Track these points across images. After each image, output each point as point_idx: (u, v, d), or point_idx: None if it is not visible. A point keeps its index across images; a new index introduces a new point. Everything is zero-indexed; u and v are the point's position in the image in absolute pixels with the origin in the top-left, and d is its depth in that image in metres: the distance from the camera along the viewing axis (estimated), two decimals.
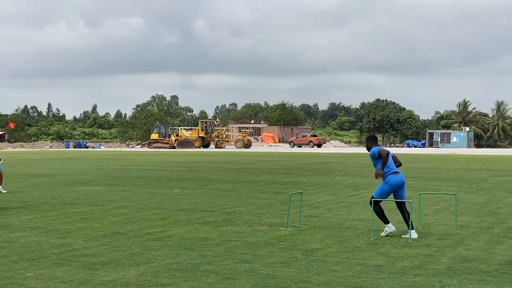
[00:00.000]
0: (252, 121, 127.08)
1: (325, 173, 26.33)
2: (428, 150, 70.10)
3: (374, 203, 10.43)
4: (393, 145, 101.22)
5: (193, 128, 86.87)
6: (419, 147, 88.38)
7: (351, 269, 7.93)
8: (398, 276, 7.55)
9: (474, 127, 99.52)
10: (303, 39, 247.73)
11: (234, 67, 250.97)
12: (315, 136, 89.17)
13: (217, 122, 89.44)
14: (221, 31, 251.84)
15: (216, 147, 76.30)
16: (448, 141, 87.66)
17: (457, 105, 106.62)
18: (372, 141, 10.75)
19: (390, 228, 10.40)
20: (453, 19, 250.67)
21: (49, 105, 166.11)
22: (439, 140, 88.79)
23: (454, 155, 50.46)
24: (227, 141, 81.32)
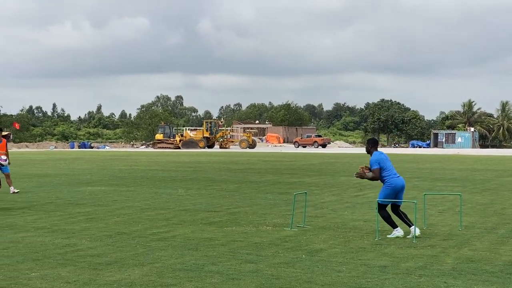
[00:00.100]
0: (257, 122, 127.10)
1: (330, 174, 26.31)
2: (433, 151, 70.00)
3: (379, 207, 10.40)
4: (398, 145, 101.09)
5: (198, 128, 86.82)
6: (424, 147, 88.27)
7: (355, 269, 7.92)
8: (402, 276, 7.54)
9: (479, 128, 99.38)
10: (307, 39, 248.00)
11: (239, 67, 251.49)
12: (319, 136, 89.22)
13: (222, 123, 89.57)
14: (225, 32, 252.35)
15: (220, 148, 76.27)
16: (453, 142, 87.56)
17: (462, 106, 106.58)
18: (372, 145, 10.70)
19: (399, 232, 10.33)
20: (458, 19, 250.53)
21: (54, 105, 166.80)
22: (444, 140, 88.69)
23: (459, 156, 50.38)
24: (232, 142, 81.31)
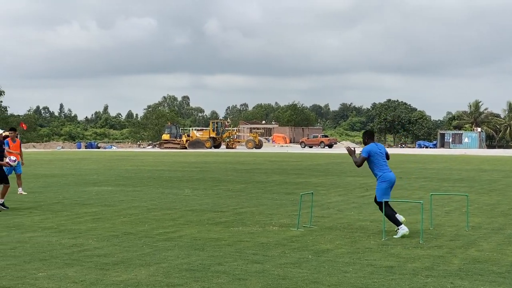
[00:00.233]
0: (263, 122, 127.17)
1: (336, 174, 26.28)
2: (440, 151, 69.84)
3: (384, 206, 10.41)
4: (404, 146, 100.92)
5: (204, 128, 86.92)
6: (430, 147, 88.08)
7: (362, 270, 7.91)
8: (409, 277, 7.53)
9: (486, 128, 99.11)
10: (314, 40, 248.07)
11: (245, 68, 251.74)
12: (326, 136, 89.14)
13: (228, 123, 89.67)
14: (232, 32, 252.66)
15: (227, 148, 76.27)
16: (460, 142, 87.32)
17: (468, 106, 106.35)
18: (368, 136, 10.92)
19: (403, 229, 10.36)
20: (465, 20, 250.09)
21: (61, 105, 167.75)
22: (450, 140, 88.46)
23: (466, 156, 50.25)
24: (238, 142, 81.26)
